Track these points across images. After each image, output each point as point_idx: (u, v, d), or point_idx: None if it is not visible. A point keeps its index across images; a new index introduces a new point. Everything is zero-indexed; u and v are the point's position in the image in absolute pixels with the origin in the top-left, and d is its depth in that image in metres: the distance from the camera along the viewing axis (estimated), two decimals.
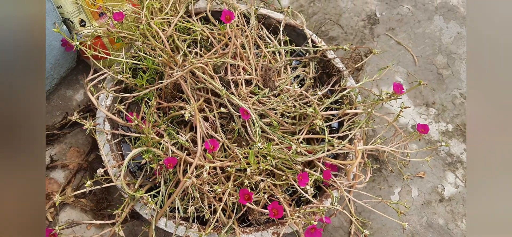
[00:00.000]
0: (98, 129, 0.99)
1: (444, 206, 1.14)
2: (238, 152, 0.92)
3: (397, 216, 1.09)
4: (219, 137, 0.97)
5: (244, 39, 1.03)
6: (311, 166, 0.99)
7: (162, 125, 0.97)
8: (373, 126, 1.03)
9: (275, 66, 1.04)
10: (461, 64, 1.36)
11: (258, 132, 0.93)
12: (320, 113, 0.99)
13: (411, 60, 1.36)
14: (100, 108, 1.00)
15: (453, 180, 1.17)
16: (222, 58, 0.99)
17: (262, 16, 1.16)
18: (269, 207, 0.84)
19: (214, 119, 0.98)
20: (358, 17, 1.44)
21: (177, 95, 1.04)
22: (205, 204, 0.88)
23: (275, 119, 0.98)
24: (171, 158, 0.88)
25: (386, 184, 1.16)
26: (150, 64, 1.01)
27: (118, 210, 0.88)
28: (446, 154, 1.21)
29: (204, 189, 0.87)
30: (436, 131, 1.24)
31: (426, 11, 1.46)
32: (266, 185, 0.90)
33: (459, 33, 1.42)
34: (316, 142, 1.04)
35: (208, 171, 0.86)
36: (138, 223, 1.08)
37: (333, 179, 0.93)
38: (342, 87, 1.06)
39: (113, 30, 1.05)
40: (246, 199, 0.85)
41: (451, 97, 1.30)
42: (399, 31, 1.41)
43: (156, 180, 0.93)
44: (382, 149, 1.01)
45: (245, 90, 0.99)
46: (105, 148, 0.95)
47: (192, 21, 1.09)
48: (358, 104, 1.04)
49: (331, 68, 1.11)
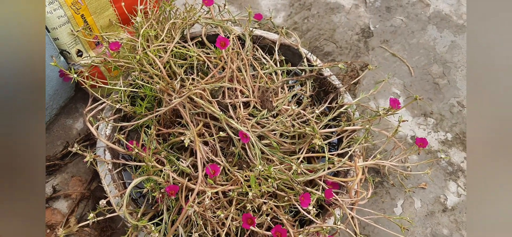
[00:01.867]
0: (99, 159, 0.99)
1: (447, 216, 1.14)
2: (239, 176, 0.92)
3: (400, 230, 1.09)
4: (220, 161, 0.97)
5: (239, 63, 1.04)
6: (312, 185, 1.00)
7: (162, 152, 0.98)
8: (372, 141, 1.04)
9: (272, 86, 1.05)
10: (456, 73, 1.36)
11: (258, 154, 0.93)
12: (319, 131, 0.99)
13: (407, 71, 1.37)
14: (100, 138, 1.01)
15: (455, 189, 1.18)
16: (219, 83, 1.00)
17: (257, 37, 1.17)
18: (272, 231, 0.84)
19: (214, 143, 0.99)
20: (352, 31, 1.45)
21: (176, 120, 1.04)
22: (208, 230, 0.88)
23: (274, 140, 0.98)
24: (172, 186, 0.89)
25: (388, 197, 1.16)
26: (148, 91, 1.02)
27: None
28: (447, 164, 1.21)
29: (206, 215, 0.87)
30: (436, 141, 1.25)
31: (419, 22, 1.47)
32: (269, 207, 0.91)
33: (453, 42, 1.43)
34: (317, 160, 1.04)
35: (209, 196, 0.87)
36: None
37: (335, 197, 0.94)
38: (339, 104, 1.06)
39: (109, 60, 1.06)
40: (249, 224, 0.85)
41: (449, 106, 1.31)
42: (393, 43, 1.42)
43: (159, 208, 0.94)
44: (382, 164, 1.02)
45: (243, 113, 1.00)
46: (107, 179, 0.96)
47: (188, 46, 1.09)
48: (356, 120, 1.04)
49: (328, 85, 1.11)
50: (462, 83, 1.34)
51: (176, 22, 1.11)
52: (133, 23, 1.10)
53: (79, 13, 1.10)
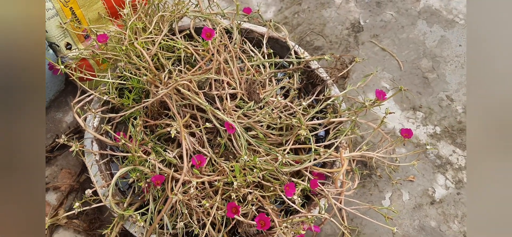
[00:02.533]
0: (86, 150, 1.00)
1: (435, 209, 1.15)
2: (225, 166, 0.93)
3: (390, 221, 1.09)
4: (206, 152, 0.97)
5: (226, 55, 1.04)
6: (299, 176, 1.00)
7: (149, 143, 0.98)
8: (358, 133, 1.04)
9: (259, 79, 1.05)
10: (446, 67, 1.37)
11: (244, 145, 0.94)
12: (305, 123, 1.00)
13: (396, 65, 1.37)
14: (88, 129, 1.01)
15: (443, 182, 1.18)
16: (206, 74, 1.00)
17: (245, 31, 1.17)
18: (256, 219, 0.85)
19: (200, 134, 0.99)
20: (342, 25, 1.46)
21: (164, 112, 1.05)
22: (194, 220, 0.89)
23: (260, 131, 0.99)
24: (158, 175, 0.89)
25: (377, 190, 1.17)
26: (135, 83, 1.03)
27: (108, 230, 0.89)
28: (435, 157, 1.22)
29: (192, 204, 0.88)
30: (425, 134, 1.25)
31: (409, 16, 1.48)
32: (254, 197, 0.91)
33: (443, 36, 1.43)
34: (304, 152, 1.05)
35: (195, 186, 0.87)
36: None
37: (321, 188, 0.94)
38: (326, 96, 1.07)
39: (98, 52, 1.07)
40: (233, 212, 0.86)
41: (438, 100, 1.31)
42: (383, 38, 1.43)
43: (145, 198, 0.94)
44: (369, 155, 1.02)
45: (230, 104, 1.00)
46: (94, 169, 0.96)
47: (176, 39, 1.10)
48: (342, 112, 1.05)
49: (315, 78, 1.12)
50: (451, 77, 1.35)
51: (165, 15, 1.11)
52: (122, 16, 1.10)
53: (68, 6, 1.11)
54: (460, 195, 1.16)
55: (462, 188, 1.17)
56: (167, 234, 0.90)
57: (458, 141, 1.24)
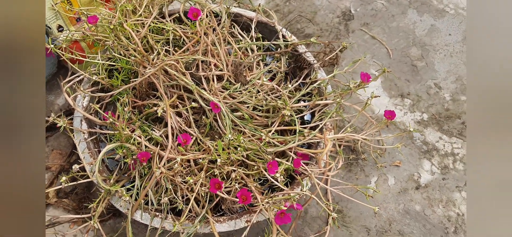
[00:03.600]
0: (75, 128, 1.01)
1: (420, 193, 1.16)
2: (210, 145, 0.94)
3: (374, 204, 1.11)
4: (193, 131, 0.99)
5: (214, 37, 1.06)
6: (284, 157, 1.02)
7: (136, 122, 1.00)
8: (343, 116, 1.06)
9: (245, 61, 1.07)
10: (435, 55, 1.38)
11: (229, 124, 0.95)
12: (291, 105, 1.01)
13: (385, 53, 1.39)
14: (77, 108, 1.03)
15: (429, 167, 1.20)
16: (193, 56, 1.02)
17: (234, 15, 1.19)
18: (238, 194, 0.86)
19: (187, 114, 1.01)
20: (333, 14, 1.47)
21: (152, 93, 1.06)
22: (178, 195, 0.90)
23: (246, 112, 1.00)
24: (144, 152, 0.91)
25: (363, 174, 1.18)
26: (124, 64, 1.04)
27: (94, 204, 0.90)
28: (422, 143, 1.23)
29: (176, 180, 0.89)
30: (412, 121, 1.27)
31: (400, 6, 1.49)
32: (238, 175, 0.93)
33: (433, 25, 1.45)
34: (290, 134, 1.06)
35: (179, 163, 0.89)
36: (119, 221, 1.10)
37: (304, 167, 0.96)
38: (312, 79, 1.08)
39: (88, 33, 1.08)
40: (216, 188, 0.87)
41: (426, 87, 1.32)
42: (373, 26, 1.44)
43: (132, 175, 0.96)
44: (353, 137, 1.03)
45: (216, 86, 1.02)
46: (81, 146, 0.98)
47: (165, 22, 1.11)
48: (328, 95, 1.06)
49: (303, 62, 1.13)
50: (440, 65, 1.36)
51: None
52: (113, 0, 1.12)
53: None
54: (446, 180, 1.17)
55: (448, 173, 1.18)
56: (152, 210, 0.92)
57: (445, 128, 1.25)
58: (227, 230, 0.92)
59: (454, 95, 1.31)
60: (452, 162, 1.20)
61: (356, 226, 1.11)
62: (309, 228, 1.10)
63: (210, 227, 0.91)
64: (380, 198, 1.14)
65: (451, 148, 1.22)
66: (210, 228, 0.91)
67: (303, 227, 1.10)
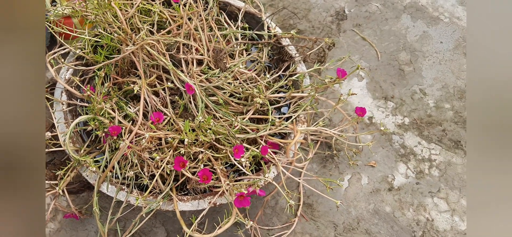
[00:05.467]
0: (54, 99, 1.04)
1: (392, 195, 1.17)
2: (181, 125, 0.96)
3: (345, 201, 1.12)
4: (168, 111, 1.01)
5: (197, 22, 1.08)
6: (256, 145, 1.03)
7: (114, 98, 1.02)
8: (317, 110, 1.07)
9: (226, 48, 1.09)
10: (423, 61, 1.38)
11: (201, 106, 0.97)
12: (266, 94, 1.03)
13: (374, 55, 1.39)
14: (59, 80, 1.06)
15: (404, 171, 1.20)
16: (175, 38, 1.04)
17: (224, 3, 1.21)
18: (199, 173, 0.88)
19: (164, 95, 1.03)
20: (327, 12, 1.48)
21: (133, 71, 1.09)
22: (144, 171, 0.92)
23: (221, 97, 1.02)
24: (115, 126, 0.93)
25: (337, 171, 1.19)
26: (108, 41, 1.07)
27: (61, 172, 0.93)
28: (400, 146, 1.24)
29: (143, 156, 0.92)
30: (393, 124, 1.27)
31: (394, 10, 1.49)
32: (205, 157, 0.95)
33: (425, 32, 1.45)
34: (264, 123, 1.08)
35: (148, 139, 0.91)
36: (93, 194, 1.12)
37: (271, 155, 0.97)
38: (290, 72, 1.10)
39: (77, 9, 1.11)
40: (181, 166, 0.89)
41: (411, 92, 1.33)
42: (365, 28, 1.45)
43: (103, 148, 0.98)
44: (325, 132, 1.04)
45: (195, 69, 1.04)
46: (57, 115, 1.01)
47: (154, 4, 1.14)
48: (304, 88, 1.07)
49: (285, 55, 1.15)
50: (428, 72, 1.36)
51: None
52: None
53: None
54: (419, 185, 1.18)
55: (423, 178, 1.19)
56: (119, 183, 0.94)
57: (425, 133, 1.26)
58: (190, 209, 0.94)
59: (438, 102, 1.31)
60: (428, 168, 1.20)
61: (324, 221, 1.12)
62: (277, 218, 1.12)
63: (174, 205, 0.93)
64: (351, 196, 1.15)
65: (429, 153, 1.22)
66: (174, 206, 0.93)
67: (272, 216, 1.12)
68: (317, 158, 1.20)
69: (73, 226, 1.09)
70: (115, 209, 0.94)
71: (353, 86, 1.33)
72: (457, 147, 1.23)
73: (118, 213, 0.92)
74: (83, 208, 1.07)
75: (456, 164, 1.21)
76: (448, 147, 1.24)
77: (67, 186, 0.97)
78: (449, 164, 1.21)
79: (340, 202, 1.13)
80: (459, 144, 1.24)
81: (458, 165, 1.21)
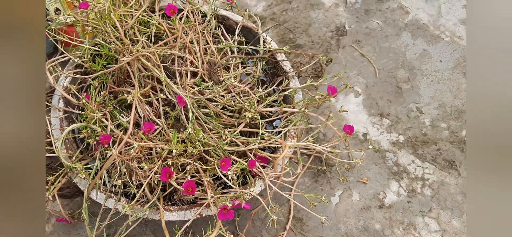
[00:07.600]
0: (52, 105, 1.07)
1: (383, 213, 1.17)
2: (171, 135, 0.98)
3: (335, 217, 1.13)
4: (160, 122, 1.03)
5: (193, 35, 1.10)
6: (245, 158, 1.05)
7: (108, 107, 1.05)
8: (307, 125, 1.08)
9: (220, 61, 1.11)
10: (422, 80, 1.38)
11: (191, 118, 0.99)
12: (257, 108, 1.04)
13: (372, 72, 1.40)
14: (57, 87, 1.09)
15: (396, 189, 1.20)
16: (170, 50, 1.07)
17: (222, 17, 1.23)
18: (184, 185, 0.90)
19: (158, 105, 1.06)
20: (327, 28, 1.49)
21: (128, 81, 1.12)
22: (133, 180, 0.95)
23: (213, 109, 1.04)
24: (106, 135, 0.96)
25: (328, 186, 1.20)
26: (107, 51, 1.10)
27: (52, 178, 0.96)
28: (393, 164, 1.24)
29: (132, 165, 0.94)
30: (387, 141, 1.27)
31: (395, 27, 1.50)
32: (193, 168, 0.96)
33: (425, 50, 1.45)
34: (256, 136, 1.09)
35: (137, 149, 0.93)
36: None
37: (259, 169, 0.98)
38: (282, 87, 1.11)
39: (79, 18, 1.14)
40: (167, 177, 0.91)
41: (407, 110, 1.33)
42: (365, 44, 1.46)
43: (95, 155, 1.01)
44: (314, 148, 1.05)
45: (189, 81, 1.06)
46: (53, 121, 1.04)
47: (153, 16, 1.17)
48: (296, 104, 1.09)
49: (279, 69, 1.16)
50: (425, 90, 1.36)
51: None
52: None
53: None
54: (411, 203, 1.18)
55: (414, 197, 1.19)
56: (107, 191, 0.96)
57: (419, 152, 1.26)
58: (177, 219, 0.95)
59: (434, 121, 1.30)
60: (421, 187, 1.20)
61: (312, 236, 1.12)
62: (266, 231, 1.13)
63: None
64: (342, 212, 1.16)
65: (422, 172, 1.22)
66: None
67: (261, 229, 1.13)
68: (309, 173, 1.21)
69: (66, 229, 1.12)
70: (104, 216, 0.96)
71: (350, 102, 1.34)
72: (451, 167, 1.23)
73: (106, 220, 0.95)
74: (76, 213, 1.09)
75: (449, 184, 1.20)
76: (442, 167, 1.23)
77: (61, 190, 1.00)
78: (442, 184, 1.20)
79: (328, 218, 1.13)
80: (454, 164, 1.23)
81: (451, 185, 1.20)
